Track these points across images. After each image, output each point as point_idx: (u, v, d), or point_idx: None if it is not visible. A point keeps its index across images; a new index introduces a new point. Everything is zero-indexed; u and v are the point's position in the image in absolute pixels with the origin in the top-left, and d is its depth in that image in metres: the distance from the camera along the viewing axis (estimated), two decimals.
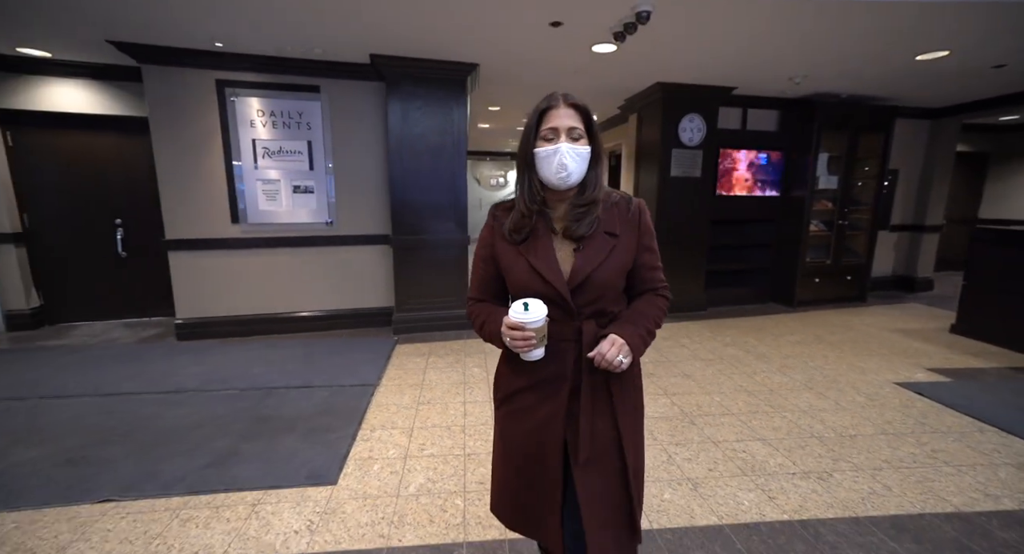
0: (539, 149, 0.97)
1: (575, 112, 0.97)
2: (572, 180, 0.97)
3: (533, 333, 0.91)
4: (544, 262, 0.96)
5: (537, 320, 0.91)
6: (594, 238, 0.98)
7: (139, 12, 2.71)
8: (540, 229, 1.00)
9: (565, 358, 0.99)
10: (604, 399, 0.99)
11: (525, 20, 2.78)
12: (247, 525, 1.69)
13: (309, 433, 2.33)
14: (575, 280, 0.96)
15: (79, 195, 4.04)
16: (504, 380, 1.09)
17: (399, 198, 3.84)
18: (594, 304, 0.98)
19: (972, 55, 3.34)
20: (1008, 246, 3.66)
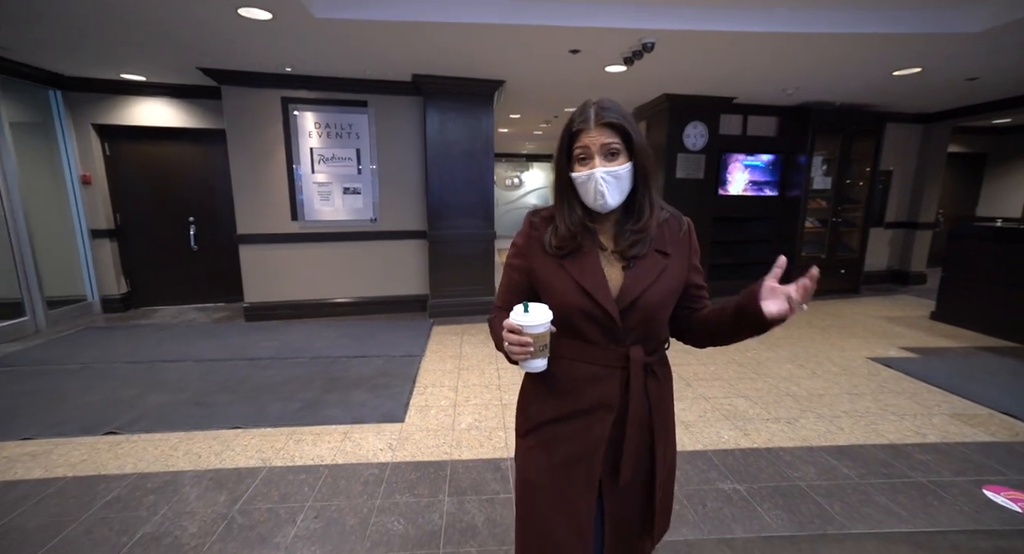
0: (575, 173, 0.89)
1: (611, 130, 0.86)
2: (611, 205, 0.88)
3: (531, 339, 0.82)
4: (592, 280, 0.88)
5: (537, 325, 0.82)
6: (645, 257, 0.90)
7: (228, 45, 3.30)
8: (586, 244, 0.91)
9: (610, 385, 0.90)
10: (646, 427, 0.93)
11: (548, 50, 3.30)
12: (343, 445, 2.25)
13: (374, 388, 2.90)
14: (625, 300, 0.87)
15: (160, 197, 4.69)
16: (533, 406, 0.98)
17: (435, 198, 4.40)
18: (642, 328, 0.90)
19: (944, 70, 3.77)
20: (982, 241, 4.08)
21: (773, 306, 0.80)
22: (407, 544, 1.61)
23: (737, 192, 5.31)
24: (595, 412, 0.91)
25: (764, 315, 0.81)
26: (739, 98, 4.87)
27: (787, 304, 0.79)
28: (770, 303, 0.81)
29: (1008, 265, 3.79)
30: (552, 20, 2.84)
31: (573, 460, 0.92)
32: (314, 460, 2.12)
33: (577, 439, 0.92)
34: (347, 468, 2.06)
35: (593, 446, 0.91)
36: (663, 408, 0.96)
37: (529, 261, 0.96)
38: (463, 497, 1.86)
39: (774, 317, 0.80)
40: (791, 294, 0.79)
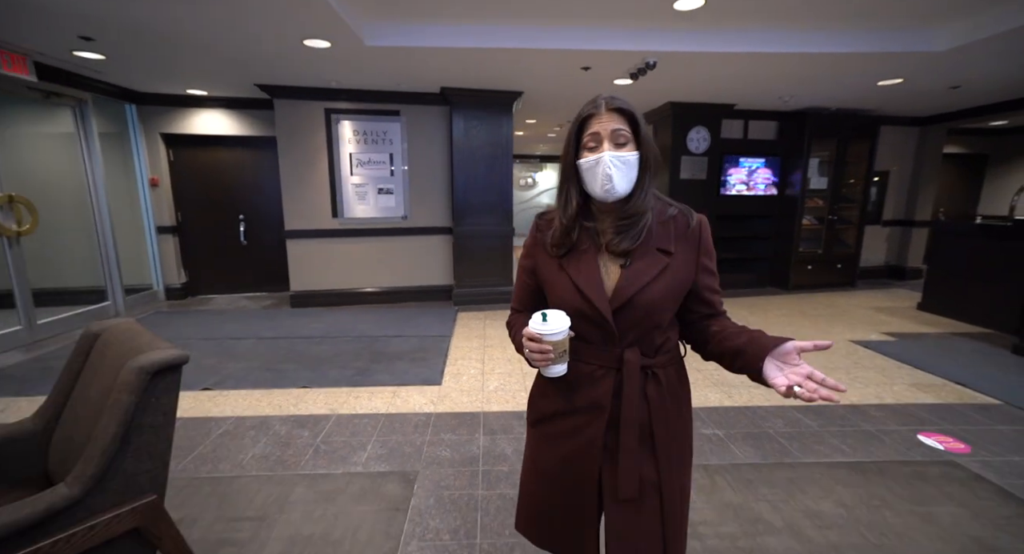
0: (582, 160, 0.88)
1: (620, 116, 0.86)
2: (619, 191, 0.86)
3: (551, 346, 0.83)
4: (586, 278, 0.87)
5: (555, 332, 0.83)
6: (644, 255, 0.87)
7: (287, 67, 3.82)
8: (585, 243, 0.91)
9: (603, 386, 0.89)
10: (646, 435, 0.89)
11: (562, 67, 3.76)
12: (394, 400, 2.75)
13: (413, 360, 3.39)
14: (618, 300, 0.86)
15: (214, 197, 5.26)
16: (538, 401, 1.01)
17: (459, 197, 4.89)
18: (638, 329, 0.88)
19: (925, 80, 4.13)
20: (963, 237, 4.42)
21: (778, 377, 0.78)
22: (454, 463, 2.10)
23: (738, 192, 5.70)
24: (588, 412, 0.90)
25: (763, 376, 0.80)
26: (739, 105, 5.26)
27: (789, 383, 0.76)
28: (776, 370, 0.79)
29: (985, 259, 4.14)
30: (564, 44, 3.29)
31: (570, 458, 0.93)
32: (372, 410, 2.62)
33: (573, 438, 0.92)
34: (399, 416, 2.56)
35: (587, 446, 0.90)
36: (669, 417, 0.90)
37: (535, 262, 0.98)
38: (494, 436, 2.34)
39: (780, 392, 0.76)
40: (799, 382, 0.75)
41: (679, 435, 0.94)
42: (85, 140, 4.22)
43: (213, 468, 2.05)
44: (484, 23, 3.16)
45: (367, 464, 2.10)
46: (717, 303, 0.96)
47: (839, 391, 0.72)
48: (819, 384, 0.74)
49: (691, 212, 0.95)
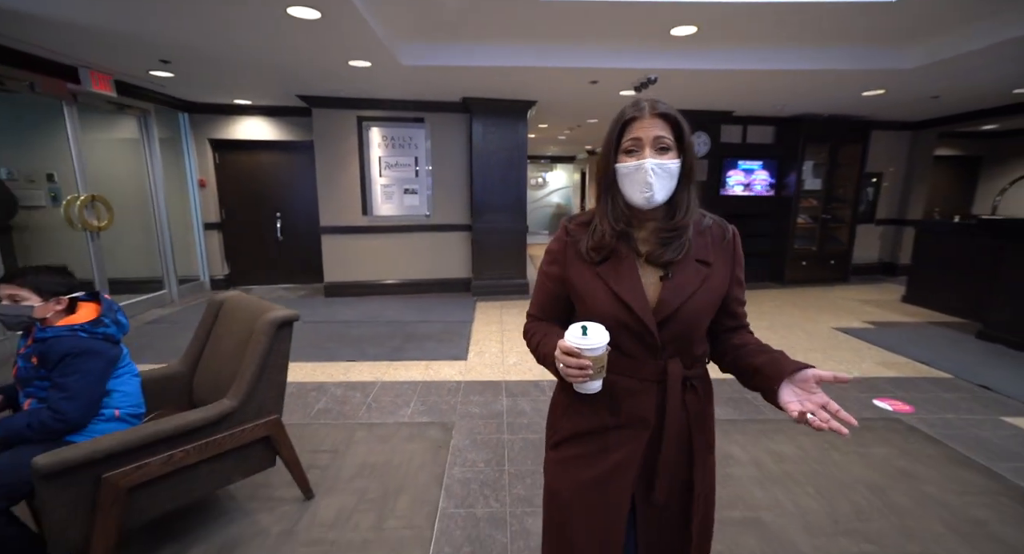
0: (621, 164, 0.85)
1: (664, 122, 0.84)
2: (657, 199, 0.84)
3: (590, 362, 0.78)
4: (629, 289, 0.85)
5: (596, 347, 0.78)
6: (684, 266, 0.86)
7: (328, 81, 4.30)
8: (622, 251, 0.88)
9: (646, 400, 0.87)
10: (685, 447, 0.90)
11: (572, 81, 4.20)
12: (427, 371, 3.21)
13: (440, 341, 3.86)
14: (662, 312, 0.84)
15: (254, 196, 5.78)
16: (565, 419, 0.96)
17: (478, 197, 5.35)
18: (679, 341, 0.86)
19: (905, 92, 4.50)
20: (942, 235, 4.79)
21: (793, 403, 0.78)
22: (483, 416, 2.56)
23: (737, 193, 6.10)
24: (631, 427, 0.88)
25: (778, 399, 0.80)
26: (737, 111, 5.66)
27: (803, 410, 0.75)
28: (791, 395, 0.79)
29: (958, 255, 4.51)
30: (574, 63, 3.73)
31: (605, 476, 0.89)
32: (410, 379, 3.09)
33: (610, 455, 0.88)
34: (433, 383, 3.03)
35: (627, 463, 0.88)
36: (703, 425, 0.91)
37: (564, 268, 0.93)
38: (515, 398, 2.80)
39: (793, 417, 0.76)
40: (813, 410, 0.75)
41: (709, 441, 0.94)
42: (148, 146, 4.74)
43: (287, 419, 2.53)
44: (503, 44, 3.61)
45: (411, 417, 2.57)
46: (742, 315, 0.95)
47: (851, 424, 0.71)
48: (832, 415, 0.73)
49: (725, 223, 0.94)
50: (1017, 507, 1.80)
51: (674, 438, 0.87)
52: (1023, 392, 2.80)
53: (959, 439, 2.30)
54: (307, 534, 1.69)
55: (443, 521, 1.76)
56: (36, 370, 1.41)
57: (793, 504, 1.84)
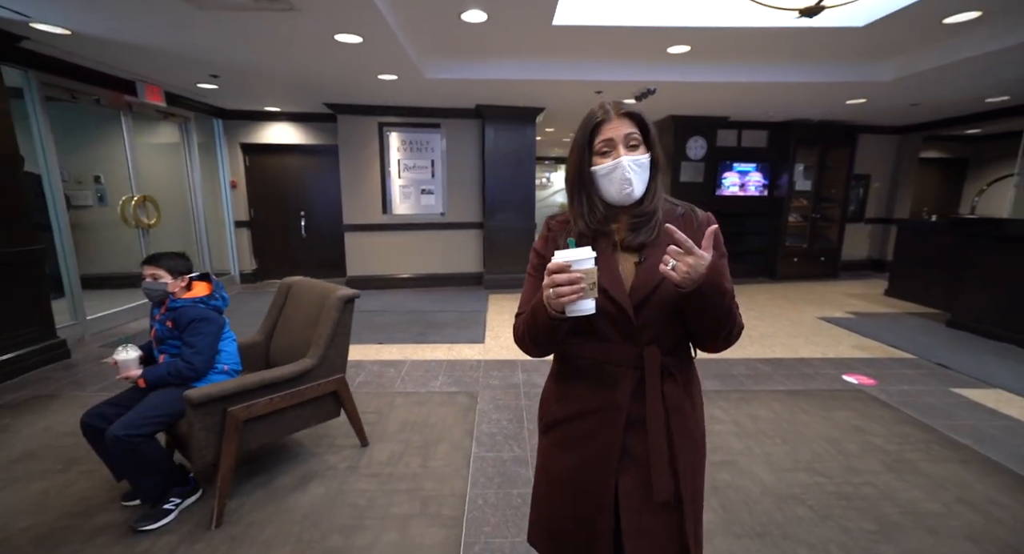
0: (597, 166, 0.88)
1: (630, 120, 0.87)
2: (636, 194, 0.88)
3: (582, 274, 0.75)
4: (608, 277, 0.86)
5: (586, 258, 0.77)
6: (657, 251, 0.86)
7: (355, 92, 4.71)
8: (601, 243, 0.90)
9: (622, 385, 0.88)
10: (664, 434, 0.88)
11: (578, 92, 4.59)
12: (450, 352, 3.62)
13: (459, 327, 4.27)
14: (637, 295, 0.86)
15: (280, 196, 6.20)
16: (552, 404, 0.99)
17: (489, 197, 5.75)
18: (656, 326, 0.87)
19: (885, 100, 4.87)
20: (920, 234, 5.16)
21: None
22: (503, 387, 2.96)
23: (732, 193, 6.49)
24: (606, 412, 0.89)
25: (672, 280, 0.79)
26: (732, 117, 6.04)
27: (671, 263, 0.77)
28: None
29: (932, 251, 4.89)
30: (580, 76, 4.12)
31: (587, 461, 0.91)
32: (435, 358, 3.50)
33: (591, 440, 0.91)
34: (456, 361, 3.43)
35: (604, 447, 0.89)
36: (684, 418, 0.90)
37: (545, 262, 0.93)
38: (530, 373, 3.20)
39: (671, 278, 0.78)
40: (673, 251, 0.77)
41: (694, 436, 0.93)
42: (188, 150, 5.17)
43: None
44: (517, 60, 4.00)
45: (441, 387, 2.98)
46: None
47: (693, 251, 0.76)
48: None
49: (696, 210, 0.96)
50: (944, 451, 2.20)
51: (660, 427, 0.87)
52: (975, 370, 3.19)
53: (911, 406, 2.69)
54: (367, 470, 2.09)
55: (476, 462, 2.16)
56: (171, 331, 1.82)
57: (762, 451, 2.24)
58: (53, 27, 2.82)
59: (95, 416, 1.74)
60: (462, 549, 1.62)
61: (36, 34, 2.95)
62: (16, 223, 3.06)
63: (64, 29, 2.85)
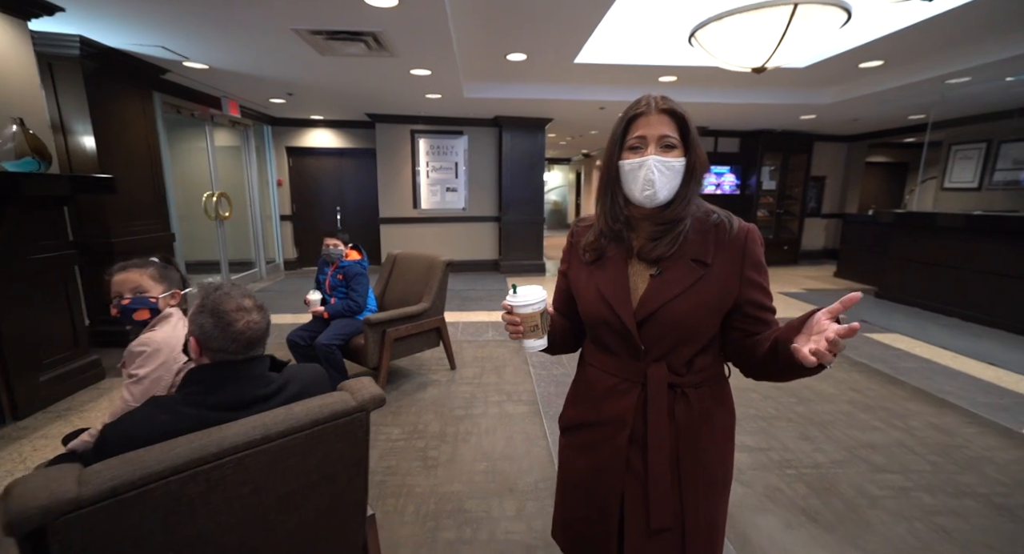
0: (624, 161, 0.82)
1: (669, 119, 0.80)
2: (660, 197, 0.80)
3: (518, 319, 0.81)
4: (611, 287, 0.83)
5: (523, 304, 0.80)
6: (676, 265, 0.80)
7: (398, 104, 5.60)
8: (615, 250, 0.86)
9: (626, 400, 0.85)
10: (670, 455, 0.83)
11: (584, 107, 5.58)
12: (490, 316, 4.56)
13: (490, 300, 5.21)
14: (643, 311, 0.80)
15: (319, 193, 7.04)
16: (569, 408, 1.00)
17: (505, 194, 6.70)
18: (665, 343, 0.81)
19: (831, 117, 6.00)
20: (860, 226, 6.32)
21: (803, 346, 0.64)
22: None
23: (709, 192, 7.58)
24: (610, 426, 0.87)
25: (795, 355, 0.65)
26: (710, 126, 7.12)
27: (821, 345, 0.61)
28: (803, 341, 0.65)
29: (867, 239, 6.05)
30: (588, 96, 5.11)
31: (596, 471, 0.90)
32: (480, 320, 4.45)
33: (597, 451, 0.89)
34: (498, 323, 4.38)
35: (609, 461, 0.87)
36: (699, 441, 0.83)
37: (568, 268, 0.96)
38: None
39: (806, 360, 0.62)
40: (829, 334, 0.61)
41: (708, 462, 0.85)
42: (247, 153, 5.99)
43: None
44: (539, 83, 4.96)
45: (492, 338, 3.93)
46: (769, 320, 0.84)
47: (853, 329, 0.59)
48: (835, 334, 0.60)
49: (734, 219, 0.86)
50: (849, 366, 3.26)
51: (662, 450, 0.82)
52: (887, 323, 4.30)
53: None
54: (462, 381, 3.04)
55: (536, 375, 3.12)
56: (340, 282, 2.74)
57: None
58: (198, 64, 3.67)
59: (296, 336, 2.65)
60: (541, 413, 2.59)
61: (180, 68, 3.79)
62: (156, 215, 3.89)
63: (204, 65, 3.70)
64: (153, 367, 1.26)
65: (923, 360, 3.46)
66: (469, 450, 2.23)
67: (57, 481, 0.69)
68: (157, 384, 1.26)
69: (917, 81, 4.15)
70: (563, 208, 15.55)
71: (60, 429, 2.33)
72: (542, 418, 2.54)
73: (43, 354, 2.56)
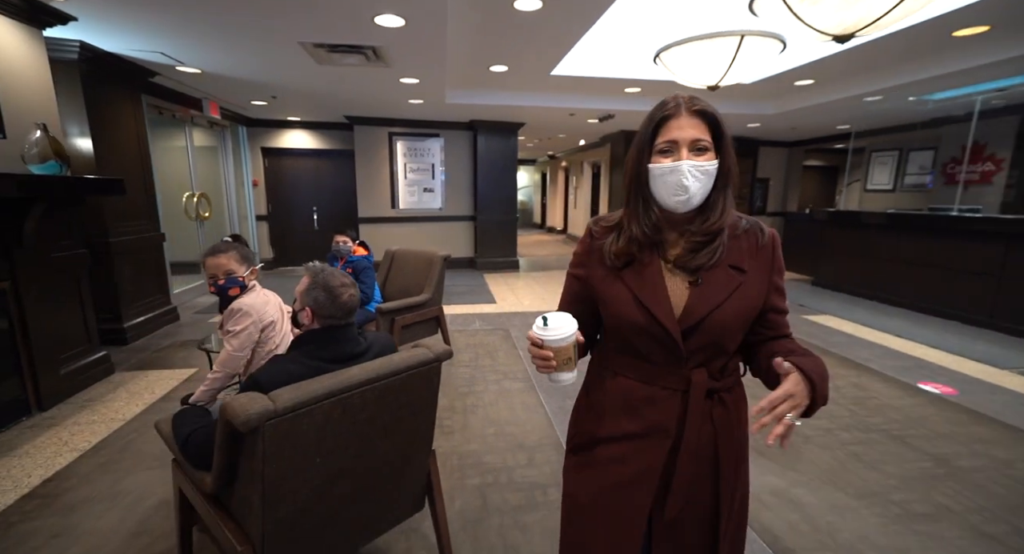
0: (654, 165, 0.79)
1: (700, 121, 0.78)
2: (693, 203, 0.79)
3: (551, 353, 0.77)
4: (653, 295, 0.80)
5: (558, 338, 0.77)
6: (716, 272, 0.80)
7: (377, 107, 5.80)
8: (648, 255, 0.83)
9: (668, 409, 0.83)
10: (708, 458, 0.84)
11: (555, 114, 6.00)
12: (475, 308, 4.88)
13: (472, 294, 5.53)
14: (688, 320, 0.79)
15: (295, 193, 7.09)
16: (585, 423, 0.94)
17: (480, 194, 7.02)
18: (707, 351, 0.81)
19: (773, 125, 6.72)
20: (798, 223, 7.10)
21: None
22: (524, 326, 4.29)
23: None
24: (651, 437, 0.84)
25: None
26: None
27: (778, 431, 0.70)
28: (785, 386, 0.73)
29: (807, 235, 6.82)
30: (559, 104, 5.52)
31: (622, 486, 0.86)
32: (466, 312, 4.76)
33: (628, 464, 0.85)
34: (482, 313, 4.71)
35: (644, 473, 0.84)
36: (732, 440, 0.86)
37: (587, 271, 0.91)
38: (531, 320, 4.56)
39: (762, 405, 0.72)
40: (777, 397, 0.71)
41: (740, 458, 0.89)
42: (224, 153, 6.00)
43: None
44: (515, 91, 5.32)
45: (480, 327, 4.26)
46: (783, 325, 0.87)
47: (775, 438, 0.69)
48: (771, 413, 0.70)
49: (763, 227, 0.86)
50: None
51: (694, 452, 0.83)
52: (821, 306, 4.97)
53: None
54: (459, 364, 3.35)
55: (525, 358, 3.48)
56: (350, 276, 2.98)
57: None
58: (192, 69, 3.77)
59: None
60: (536, 388, 2.95)
61: (171, 72, 3.87)
62: (147, 216, 3.95)
63: (198, 69, 3.81)
64: (245, 325, 1.62)
65: (848, 335, 4.09)
66: (478, 419, 2.56)
67: (257, 401, 0.98)
68: (249, 338, 1.64)
69: (841, 98, 4.82)
70: (529, 207, 16.02)
71: (87, 417, 2.47)
72: (537, 392, 2.90)
73: (61, 349, 2.66)
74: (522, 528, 1.73)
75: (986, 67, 3.65)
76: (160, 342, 3.72)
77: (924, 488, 1.96)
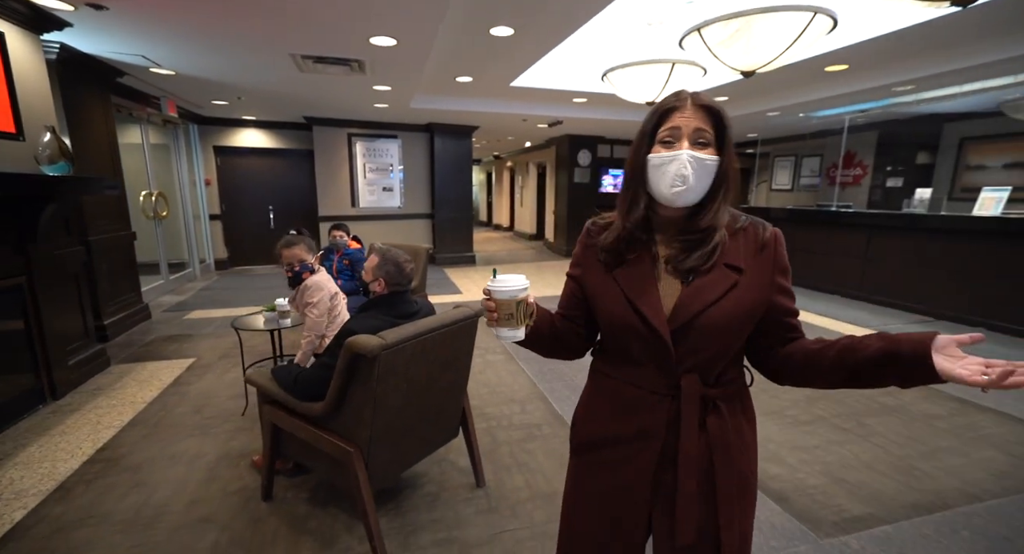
0: (653, 154, 0.77)
1: (705, 115, 0.76)
2: (690, 196, 0.76)
3: (494, 303, 0.78)
4: (640, 291, 0.78)
5: (499, 291, 0.77)
6: (709, 271, 0.77)
7: (340, 109, 5.99)
8: (641, 254, 0.81)
9: (656, 413, 0.80)
10: (707, 479, 0.80)
11: (508, 119, 6.52)
12: (440, 300, 5.29)
13: (438, 287, 5.91)
14: (678, 320, 0.76)
15: (250, 193, 7.04)
16: (584, 424, 0.93)
17: (437, 193, 7.39)
18: (699, 354, 0.77)
19: None
20: None
21: (957, 369, 0.62)
22: None
23: (609, 191, 9.04)
24: (639, 441, 0.82)
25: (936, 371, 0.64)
26: (607, 136, 8.54)
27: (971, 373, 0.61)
28: (949, 364, 0.63)
29: None
30: (513, 111, 6.05)
31: (618, 491, 0.85)
32: (438, 301, 5.15)
33: (620, 469, 0.84)
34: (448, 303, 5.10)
35: (635, 480, 0.83)
36: (732, 455, 0.81)
37: (583, 270, 0.89)
38: None
39: (949, 376, 0.63)
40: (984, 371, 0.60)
41: (743, 475, 0.83)
42: (177, 152, 5.90)
43: None
44: (472, 98, 5.77)
45: None
46: (799, 326, 0.83)
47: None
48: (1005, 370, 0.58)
49: (764, 224, 0.83)
50: None
51: (692, 465, 0.78)
52: None
53: None
54: None
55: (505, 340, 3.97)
56: (346, 267, 3.32)
57: None
58: (166, 70, 3.84)
59: None
60: (515, 359, 3.45)
61: (142, 73, 3.90)
62: (119, 215, 3.96)
63: (172, 71, 3.89)
64: (319, 297, 2.13)
65: None
66: (473, 383, 3.00)
67: (372, 340, 1.40)
68: (324, 306, 2.13)
69: (748, 112, 5.79)
70: (476, 206, 16.44)
71: (106, 402, 2.62)
72: (517, 362, 3.41)
73: (68, 342, 2.77)
74: (528, 452, 2.24)
75: (849, 95, 4.69)
76: (142, 338, 3.78)
77: (806, 405, 2.72)
